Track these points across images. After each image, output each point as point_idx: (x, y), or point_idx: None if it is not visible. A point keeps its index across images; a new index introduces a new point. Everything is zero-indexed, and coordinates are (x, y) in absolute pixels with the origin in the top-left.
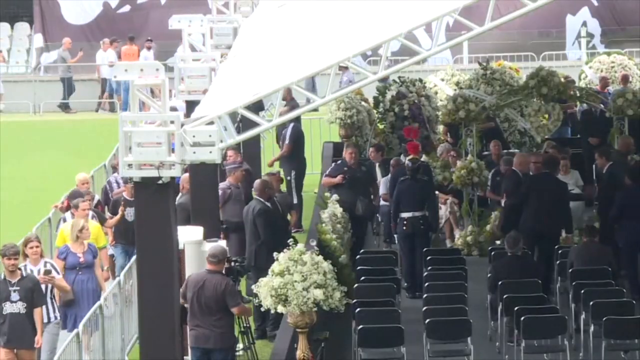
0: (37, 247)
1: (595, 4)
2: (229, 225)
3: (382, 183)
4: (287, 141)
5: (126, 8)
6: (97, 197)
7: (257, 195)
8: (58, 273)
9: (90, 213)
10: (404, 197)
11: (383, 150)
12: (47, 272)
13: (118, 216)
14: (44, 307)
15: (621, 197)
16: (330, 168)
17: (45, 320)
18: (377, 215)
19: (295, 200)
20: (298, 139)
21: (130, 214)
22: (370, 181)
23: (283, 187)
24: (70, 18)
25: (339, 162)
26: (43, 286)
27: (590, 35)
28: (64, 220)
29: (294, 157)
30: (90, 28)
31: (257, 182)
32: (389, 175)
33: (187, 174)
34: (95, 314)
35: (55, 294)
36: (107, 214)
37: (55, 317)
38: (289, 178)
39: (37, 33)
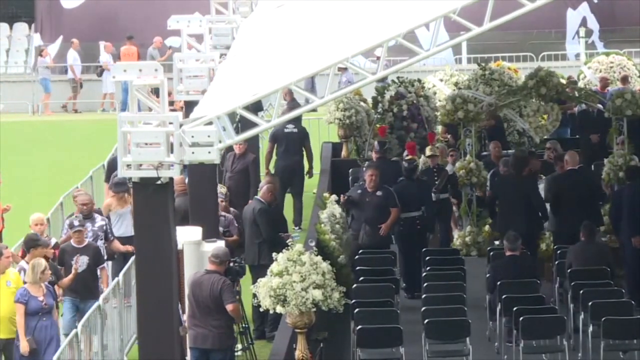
0: None
1: (595, 0)
2: None
3: None
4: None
5: None
6: (54, 240)
7: (259, 196)
8: None
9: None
10: (400, 197)
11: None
12: None
13: (72, 275)
14: None
15: (618, 196)
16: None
17: None
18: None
19: None
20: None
21: (82, 262)
22: (383, 208)
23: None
24: (67, 4)
25: (360, 183)
26: None
27: (589, 33)
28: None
29: None
30: (92, 25)
31: (263, 184)
32: None
33: (177, 177)
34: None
35: None
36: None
37: None
38: None
39: (36, 32)
